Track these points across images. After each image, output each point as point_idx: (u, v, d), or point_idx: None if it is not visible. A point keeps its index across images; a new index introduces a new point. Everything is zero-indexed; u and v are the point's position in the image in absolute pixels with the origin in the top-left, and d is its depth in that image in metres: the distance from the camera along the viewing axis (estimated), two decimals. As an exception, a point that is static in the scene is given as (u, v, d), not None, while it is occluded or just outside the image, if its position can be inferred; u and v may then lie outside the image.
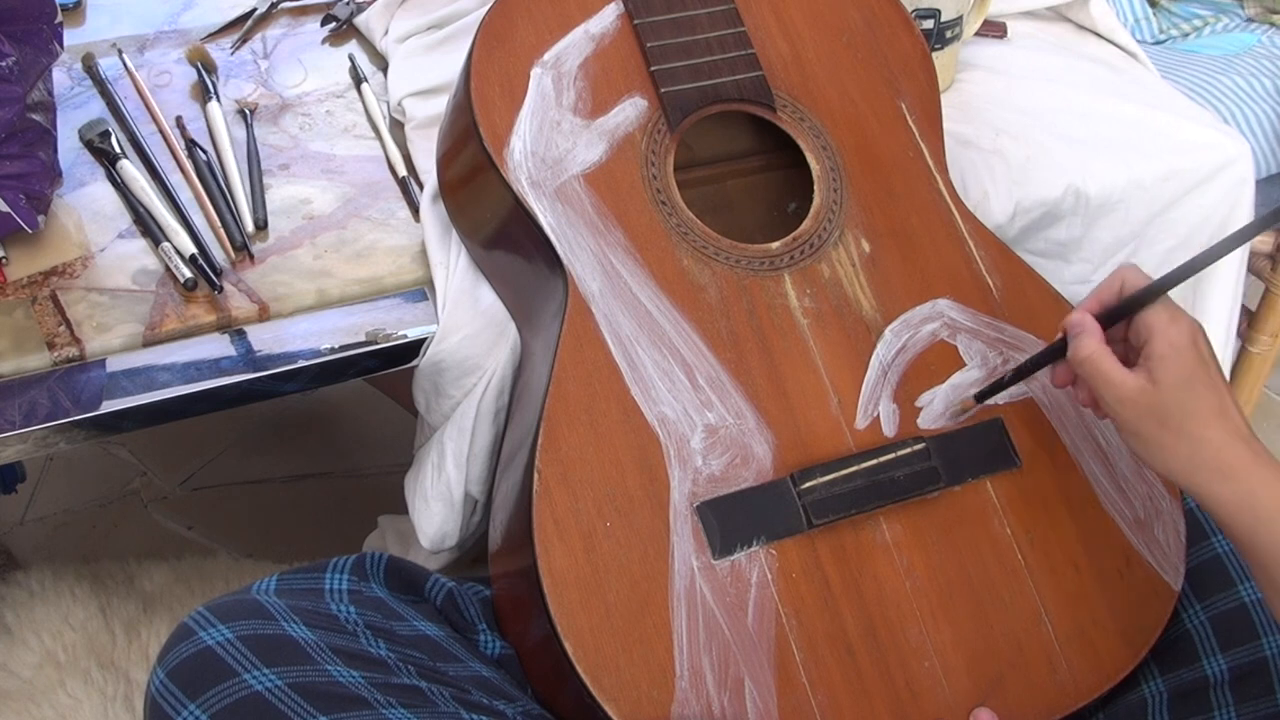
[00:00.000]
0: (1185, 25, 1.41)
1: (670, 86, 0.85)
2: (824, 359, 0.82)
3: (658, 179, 0.84)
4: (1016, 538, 0.81)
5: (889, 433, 0.81)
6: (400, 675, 0.71)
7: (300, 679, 0.68)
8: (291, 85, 1.09)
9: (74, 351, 0.86)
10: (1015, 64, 1.15)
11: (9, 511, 1.42)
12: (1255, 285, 1.32)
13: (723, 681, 0.72)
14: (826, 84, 0.91)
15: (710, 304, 0.81)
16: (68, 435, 0.84)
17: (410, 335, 0.89)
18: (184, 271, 0.90)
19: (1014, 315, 0.87)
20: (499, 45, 0.85)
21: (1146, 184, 1.05)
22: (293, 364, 0.87)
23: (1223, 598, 0.80)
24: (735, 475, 0.77)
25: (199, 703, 0.67)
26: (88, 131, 1.01)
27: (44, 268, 0.91)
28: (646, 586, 0.73)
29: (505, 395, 0.90)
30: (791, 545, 0.76)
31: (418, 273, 0.93)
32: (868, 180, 0.88)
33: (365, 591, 0.75)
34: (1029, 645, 0.79)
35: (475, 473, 0.93)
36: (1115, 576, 0.81)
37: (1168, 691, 0.80)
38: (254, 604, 0.71)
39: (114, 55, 1.09)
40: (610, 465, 0.75)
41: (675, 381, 0.78)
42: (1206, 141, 1.07)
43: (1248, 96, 1.26)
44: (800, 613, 0.75)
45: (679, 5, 0.88)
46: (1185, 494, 0.84)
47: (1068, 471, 0.83)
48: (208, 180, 0.97)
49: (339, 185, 1.00)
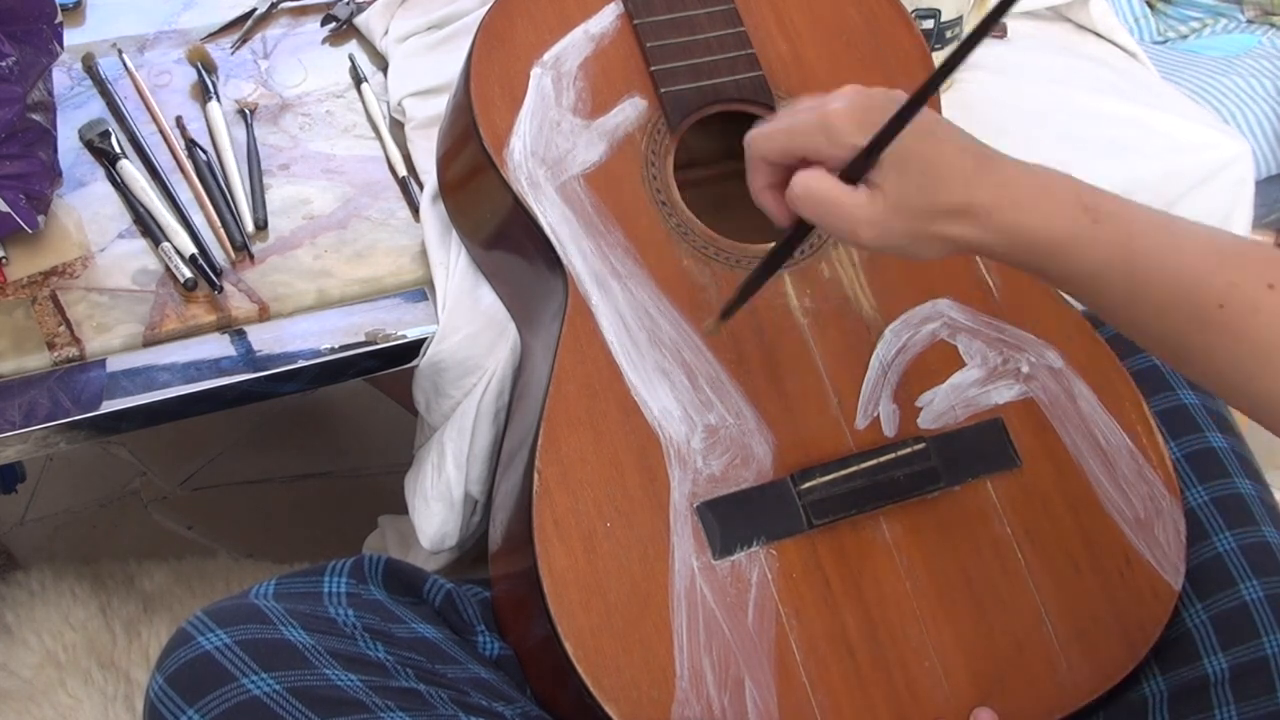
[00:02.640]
0: (1183, 27, 1.41)
1: (670, 86, 0.85)
2: (824, 359, 0.82)
3: (658, 179, 0.84)
4: (1016, 537, 0.81)
5: (889, 433, 0.81)
6: (399, 678, 0.71)
7: (298, 683, 0.68)
8: (291, 85, 1.09)
9: (74, 351, 0.86)
10: (1015, 64, 1.15)
11: (9, 511, 1.42)
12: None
13: (723, 682, 0.72)
14: (826, 84, 0.90)
15: (710, 304, 0.81)
16: (68, 435, 0.84)
17: (410, 335, 0.89)
18: (184, 271, 0.90)
19: (1014, 315, 0.87)
20: (499, 45, 0.85)
21: (1147, 184, 1.05)
22: (293, 364, 0.87)
23: (1223, 597, 0.80)
24: (735, 475, 0.77)
25: (197, 708, 0.67)
26: (88, 131, 1.01)
27: (44, 268, 0.91)
28: (647, 587, 0.73)
29: (505, 395, 0.90)
30: (791, 545, 0.76)
31: (418, 273, 0.93)
32: (868, 180, 0.88)
33: (363, 594, 0.75)
34: (1029, 645, 0.79)
35: (475, 473, 0.93)
36: (1115, 576, 0.81)
37: (1168, 691, 0.80)
38: (252, 608, 0.71)
39: (114, 55, 1.09)
40: (610, 466, 0.75)
41: (675, 382, 0.78)
42: (1206, 141, 1.07)
43: (1248, 97, 1.26)
44: (800, 613, 0.75)
45: (679, 5, 0.88)
46: (1185, 494, 0.84)
47: (1068, 471, 0.83)
48: (208, 180, 0.97)
49: (339, 185, 1.00)
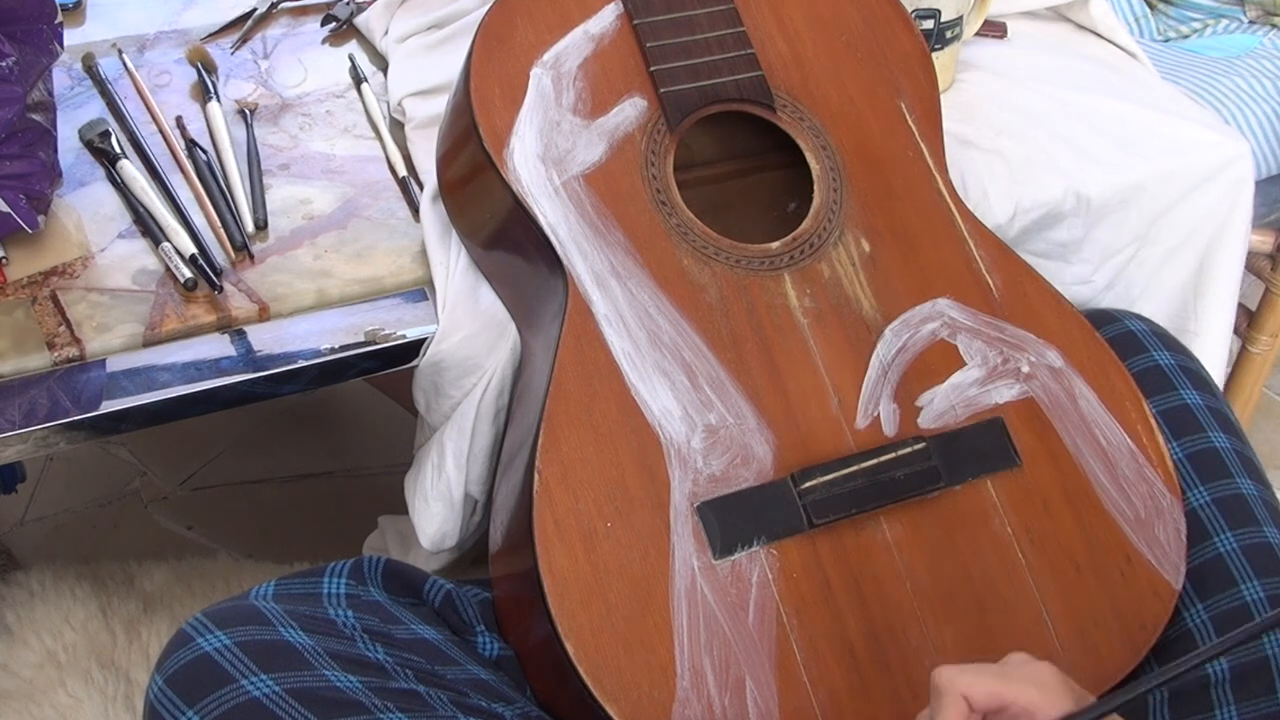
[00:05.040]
0: (1184, 28, 1.41)
1: (670, 86, 0.85)
2: (824, 359, 0.82)
3: (657, 179, 0.84)
4: (1017, 537, 0.81)
5: (889, 432, 0.81)
6: (398, 680, 0.71)
7: (298, 685, 0.68)
8: (291, 85, 1.09)
9: (74, 351, 0.86)
10: (1015, 64, 1.15)
11: (9, 511, 1.42)
12: (1255, 285, 1.32)
13: (724, 681, 0.72)
14: (826, 84, 0.91)
15: (710, 304, 0.81)
16: (68, 435, 0.84)
17: (410, 335, 0.89)
18: (184, 271, 0.90)
19: (1014, 315, 0.87)
20: (499, 45, 0.85)
21: (1147, 185, 1.05)
22: (292, 364, 0.87)
23: (1224, 597, 0.80)
24: (736, 475, 0.77)
25: (197, 709, 0.67)
26: (88, 131, 1.01)
27: (44, 268, 0.91)
28: (647, 587, 0.73)
29: (505, 395, 0.90)
30: (792, 545, 0.76)
31: (418, 273, 0.93)
32: (867, 180, 0.88)
33: (363, 595, 0.75)
34: (1030, 644, 0.78)
35: (475, 473, 0.93)
36: (1116, 576, 0.81)
37: (1168, 690, 0.80)
38: (251, 610, 0.71)
39: (114, 55, 1.09)
40: (611, 465, 0.75)
41: (675, 382, 0.78)
42: (1207, 142, 1.07)
43: (1248, 97, 1.26)
44: (801, 612, 0.75)
45: (679, 5, 0.88)
46: (1186, 494, 0.84)
47: (1068, 470, 0.83)
48: (208, 180, 0.97)
49: (339, 185, 1.00)
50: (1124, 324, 0.94)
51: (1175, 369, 0.91)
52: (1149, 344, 0.93)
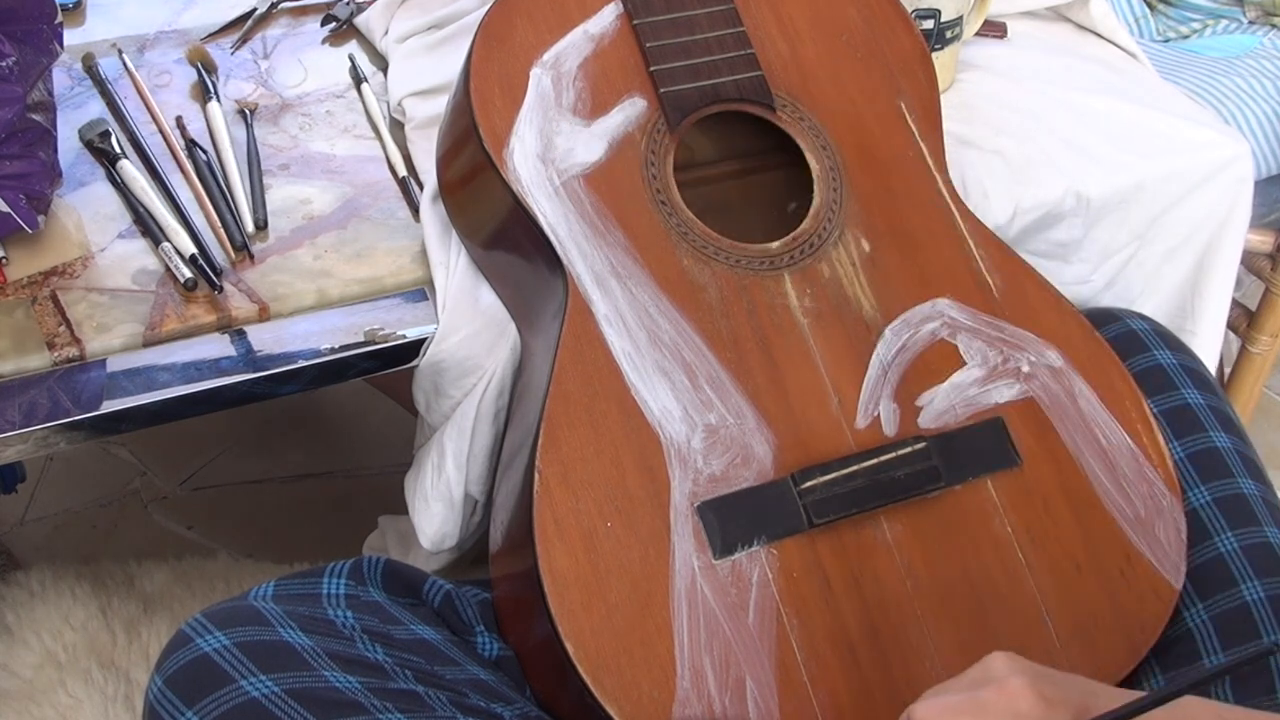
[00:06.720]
0: (1183, 28, 1.41)
1: (670, 87, 0.85)
2: (824, 358, 0.82)
3: (657, 179, 0.84)
4: (1017, 537, 0.81)
5: (889, 432, 0.81)
6: (398, 680, 0.71)
7: (297, 685, 0.68)
8: (291, 85, 1.09)
9: (74, 351, 0.86)
10: (1015, 64, 1.15)
11: (9, 511, 1.42)
12: (1255, 285, 1.32)
13: (724, 681, 0.72)
14: (826, 84, 0.91)
15: (710, 304, 0.81)
16: (68, 435, 0.83)
17: (410, 335, 0.89)
18: (184, 271, 0.89)
19: (1014, 314, 0.87)
20: (498, 45, 0.85)
21: (1147, 185, 1.05)
22: (292, 364, 0.87)
23: (1225, 597, 0.80)
24: (736, 475, 0.77)
25: (196, 709, 0.67)
26: (88, 131, 1.01)
27: (44, 268, 0.91)
28: (647, 587, 0.73)
29: (505, 395, 0.90)
30: (792, 545, 0.76)
31: (418, 273, 0.93)
32: (867, 180, 0.88)
33: (362, 596, 0.75)
34: (1030, 644, 0.78)
35: (475, 473, 0.93)
36: (1116, 575, 0.81)
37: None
38: (251, 610, 0.71)
39: (114, 55, 1.09)
40: (611, 465, 0.75)
41: (676, 381, 0.78)
42: (1206, 141, 1.07)
43: (1248, 97, 1.26)
44: (801, 612, 0.75)
45: (679, 5, 0.88)
46: (1187, 494, 0.84)
47: (1068, 470, 0.83)
48: (208, 180, 0.97)
49: (339, 185, 1.00)
50: (1126, 323, 0.94)
51: (1177, 368, 0.91)
52: (1151, 343, 0.93)
